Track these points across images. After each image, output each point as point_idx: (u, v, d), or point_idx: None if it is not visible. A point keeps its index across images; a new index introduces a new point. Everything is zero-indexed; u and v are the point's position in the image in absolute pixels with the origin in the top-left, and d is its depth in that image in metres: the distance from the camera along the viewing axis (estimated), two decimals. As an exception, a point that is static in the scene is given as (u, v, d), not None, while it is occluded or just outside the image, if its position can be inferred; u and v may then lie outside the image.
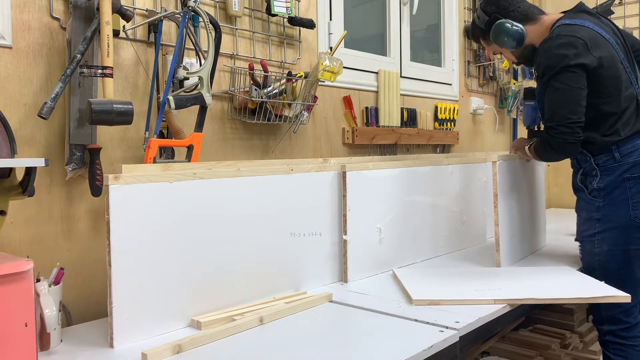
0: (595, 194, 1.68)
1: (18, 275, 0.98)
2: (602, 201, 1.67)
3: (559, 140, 1.60)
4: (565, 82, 1.57)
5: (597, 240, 1.68)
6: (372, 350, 1.11)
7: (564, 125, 1.58)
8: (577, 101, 1.58)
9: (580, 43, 1.58)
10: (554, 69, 1.58)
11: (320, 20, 2.09)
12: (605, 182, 1.66)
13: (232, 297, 1.37)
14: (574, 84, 1.57)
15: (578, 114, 1.58)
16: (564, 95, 1.58)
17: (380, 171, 1.75)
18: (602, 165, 1.67)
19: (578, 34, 1.59)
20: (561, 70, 1.57)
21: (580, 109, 1.58)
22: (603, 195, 1.67)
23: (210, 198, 1.32)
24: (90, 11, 1.37)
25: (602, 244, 1.67)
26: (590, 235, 1.71)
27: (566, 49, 1.57)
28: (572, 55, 1.57)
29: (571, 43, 1.58)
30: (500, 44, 1.77)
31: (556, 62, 1.58)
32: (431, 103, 2.69)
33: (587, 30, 1.62)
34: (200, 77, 1.47)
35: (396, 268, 1.79)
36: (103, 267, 1.44)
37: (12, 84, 1.30)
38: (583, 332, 2.30)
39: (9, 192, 1.15)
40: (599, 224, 1.68)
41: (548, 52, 1.61)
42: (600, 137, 1.66)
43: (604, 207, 1.67)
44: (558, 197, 3.47)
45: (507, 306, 1.40)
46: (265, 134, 1.88)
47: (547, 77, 1.61)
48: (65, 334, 1.24)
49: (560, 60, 1.57)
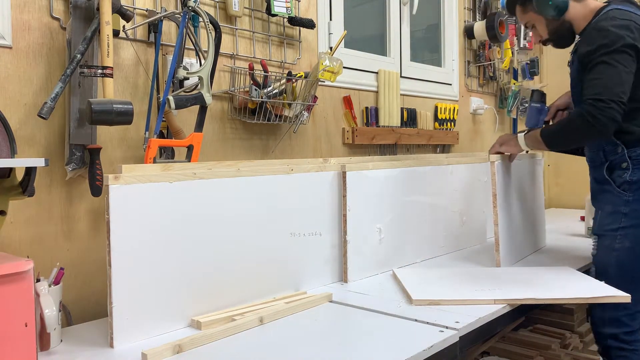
0: (626, 187, 1.64)
1: (18, 275, 0.98)
2: (632, 195, 1.62)
3: (607, 115, 1.50)
4: (621, 61, 1.53)
5: (619, 235, 1.64)
6: (372, 350, 1.11)
7: (616, 102, 1.50)
8: (628, 84, 1.54)
9: (636, 27, 1.56)
10: (611, 47, 1.54)
11: (320, 20, 2.09)
12: (637, 175, 1.62)
13: (232, 297, 1.37)
14: (628, 67, 1.54)
15: (627, 95, 1.53)
16: (619, 73, 1.53)
17: (380, 171, 1.75)
18: (635, 158, 1.62)
19: (633, 18, 1.58)
20: (618, 50, 1.53)
21: (628, 93, 1.54)
22: (634, 189, 1.62)
23: (210, 198, 1.32)
24: (90, 11, 1.36)
25: (624, 240, 1.63)
26: (613, 230, 1.66)
27: (624, 30, 1.55)
28: (629, 37, 1.54)
29: (627, 26, 1.56)
30: (542, 8, 1.71)
31: (614, 40, 1.54)
32: (431, 103, 2.69)
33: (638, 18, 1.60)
34: (200, 77, 1.47)
35: (396, 268, 1.79)
36: (103, 267, 1.44)
37: (12, 84, 1.30)
38: (583, 332, 2.30)
39: (9, 192, 1.15)
40: (625, 219, 1.63)
41: (604, 31, 1.57)
42: (637, 127, 1.62)
43: (634, 201, 1.62)
44: (558, 197, 3.47)
45: (507, 306, 1.40)
46: (265, 134, 1.88)
47: (600, 53, 1.55)
48: (65, 334, 1.24)
49: (618, 39, 1.54)
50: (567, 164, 3.40)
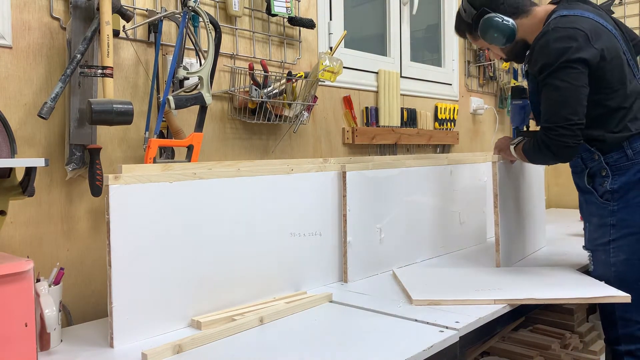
0: (608, 196, 1.55)
1: (18, 275, 0.98)
2: (616, 204, 1.53)
3: (558, 143, 1.46)
4: (565, 79, 1.45)
5: (612, 248, 1.55)
6: (372, 350, 1.11)
7: (564, 127, 1.45)
8: (578, 100, 1.45)
9: (581, 35, 1.45)
10: (553, 65, 1.45)
11: (320, 20, 2.09)
12: (619, 183, 1.53)
13: (232, 297, 1.37)
14: (575, 82, 1.44)
15: (579, 114, 1.45)
16: (564, 94, 1.45)
17: (380, 171, 1.75)
18: (613, 165, 1.54)
19: (577, 25, 1.46)
20: (561, 67, 1.45)
21: (581, 109, 1.45)
22: (617, 198, 1.53)
23: (210, 198, 1.32)
24: (90, 11, 1.36)
25: (618, 253, 1.54)
26: (604, 244, 1.57)
27: (565, 42, 1.44)
28: (572, 49, 1.44)
29: (570, 36, 1.45)
30: (489, 40, 1.63)
31: (555, 57, 1.45)
32: (431, 103, 2.69)
33: (587, 20, 1.49)
34: (200, 77, 1.47)
35: (396, 268, 1.79)
36: (103, 267, 1.44)
37: (12, 84, 1.30)
38: (583, 332, 2.30)
39: (9, 192, 1.15)
40: (614, 230, 1.54)
41: (545, 48, 1.47)
42: (609, 134, 1.53)
43: (619, 211, 1.53)
44: (558, 197, 3.47)
45: (507, 306, 1.40)
46: (265, 134, 1.88)
47: (544, 74, 1.48)
48: (65, 334, 1.24)
49: (559, 55, 1.44)
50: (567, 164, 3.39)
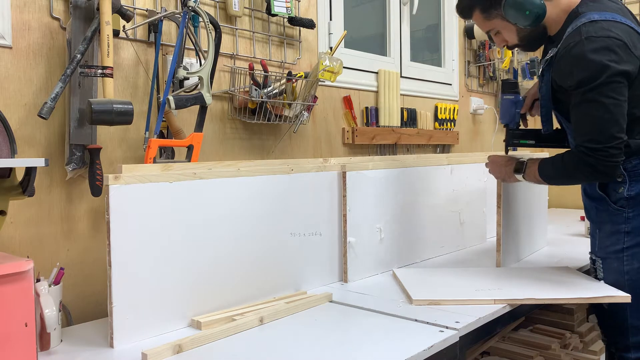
0: (623, 203, 1.47)
1: (18, 275, 0.98)
2: (632, 211, 1.46)
3: (608, 163, 1.35)
4: (611, 94, 1.33)
5: (626, 256, 1.49)
6: (372, 350, 1.11)
7: (614, 147, 1.34)
8: (624, 117, 1.35)
9: (619, 45, 1.33)
10: (596, 80, 1.33)
11: (320, 20, 2.09)
12: (635, 190, 1.45)
13: (232, 297, 1.37)
14: (620, 97, 1.34)
15: (624, 131, 1.36)
16: (611, 111, 1.34)
17: (381, 171, 1.75)
18: (631, 170, 1.45)
19: (613, 33, 1.34)
20: (605, 82, 1.33)
21: (625, 125, 1.36)
22: (633, 205, 1.46)
23: (210, 198, 1.32)
24: (90, 11, 1.36)
25: (632, 261, 1.48)
26: (617, 251, 1.50)
27: (605, 54, 1.32)
28: (615, 62, 1.32)
29: (609, 47, 1.33)
30: (515, 17, 1.47)
31: (597, 71, 1.32)
32: (431, 103, 2.69)
33: (621, 26, 1.37)
34: (200, 77, 1.47)
35: (396, 268, 1.79)
36: (103, 267, 1.44)
37: (12, 84, 1.30)
38: (583, 332, 2.30)
39: (9, 192, 1.15)
40: (628, 238, 1.48)
41: (582, 60, 1.34)
42: (632, 139, 1.43)
43: (635, 217, 1.46)
44: (558, 197, 3.46)
45: (507, 306, 1.40)
46: (265, 134, 1.88)
47: (583, 90, 1.36)
48: (65, 334, 1.24)
49: (601, 69, 1.32)
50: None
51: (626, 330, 1.54)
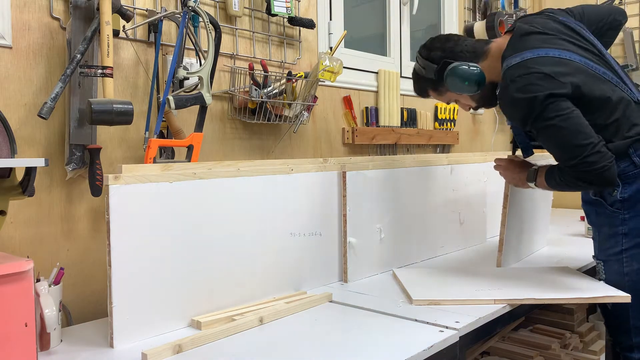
0: (619, 205, 1.49)
1: (18, 275, 0.98)
2: (627, 213, 1.48)
3: (596, 171, 1.36)
4: (554, 114, 1.37)
5: (625, 257, 1.50)
6: (372, 350, 1.11)
7: (589, 155, 1.35)
8: (580, 124, 1.37)
9: (541, 77, 1.38)
10: (533, 112, 1.38)
11: (320, 20, 2.09)
12: (629, 192, 1.47)
13: (232, 297, 1.37)
14: (565, 111, 1.37)
15: (592, 133, 1.37)
16: (563, 127, 1.37)
17: (381, 171, 1.75)
18: (621, 173, 1.46)
19: (533, 68, 1.40)
20: (543, 109, 1.37)
21: (588, 130, 1.37)
22: (628, 206, 1.48)
23: (210, 198, 1.32)
24: (90, 11, 1.36)
25: (631, 262, 1.49)
26: (617, 253, 1.52)
27: (530, 89, 1.38)
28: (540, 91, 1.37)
29: (531, 83, 1.38)
30: (460, 90, 1.56)
31: (530, 106, 1.38)
32: (431, 103, 2.69)
33: (541, 60, 1.42)
34: (200, 77, 1.47)
35: (396, 268, 1.79)
36: (103, 267, 1.44)
37: (12, 84, 1.30)
38: (583, 332, 2.30)
39: (9, 192, 1.15)
40: (626, 239, 1.49)
41: (513, 102, 1.42)
42: (612, 144, 1.44)
43: (631, 219, 1.48)
44: (558, 197, 3.46)
45: (507, 306, 1.40)
46: (265, 134, 1.88)
47: (529, 123, 1.41)
48: (65, 334, 1.24)
49: (532, 102, 1.37)
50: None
51: (629, 330, 1.55)
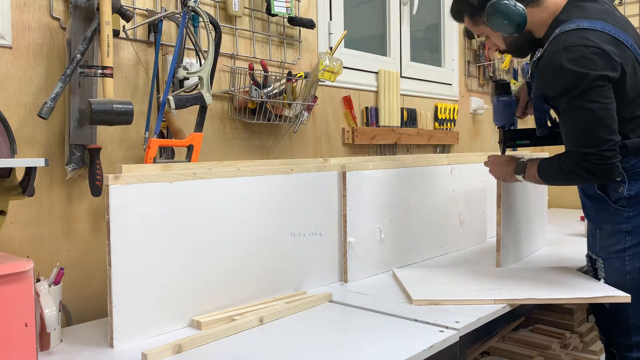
0: (624, 202, 1.47)
1: (18, 275, 0.98)
2: (632, 211, 1.46)
3: (604, 166, 1.36)
4: (596, 99, 1.34)
5: (627, 256, 1.48)
6: (372, 350, 1.11)
7: (607, 150, 1.35)
8: (613, 118, 1.36)
9: (597, 53, 1.34)
10: (577, 88, 1.34)
11: (320, 20, 2.09)
12: (635, 189, 1.45)
13: (232, 297, 1.37)
14: (605, 100, 1.35)
15: (616, 132, 1.37)
16: (598, 115, 1.35)
17: (380, 171, 1.75)
18: (630, 170, 1.44)
19: (590, 41, 1.34)
20: (587, 88, 1.34)
21: (616, 125, 1.37)
22: (633, 204, 1.46)
23: (210, 198, 1.32)
24: (90, 11, 1.36)
25: (633, 260, 1.48)
26: (619, 251, 1.50)
27: (583, 63, 1.33)
28: (593, 69, 1.33)
29: (585, 56, 1.34)
30: (496, 26, 1.48)
31: (577, 80, 1.34)
32: (431, 103, 2.69)
33: (600, 34, 1.37)
34: (200, 77, 1.47)
35: (396, 268, 1.79)
36: (103, 267, 1.44)
37: (12, 84, 1.30)
38: (583, 332, 2.30)
39: (9, 192, 1.15)
40: (629, 237, 1.48)
41: (561, 70, 1.36)
42: (629, 140, 1.43)
43: (635, 217, 1.46)
44: (558, 197, 3.46)
45: (507, 306, 1.40)
46: (265, 134, 1.88)
47: (567, 97, 1.38)
48: (65, 334, 1.24)
49: (581, 77, 1.33)
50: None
51: (628, 329, 1.54)
